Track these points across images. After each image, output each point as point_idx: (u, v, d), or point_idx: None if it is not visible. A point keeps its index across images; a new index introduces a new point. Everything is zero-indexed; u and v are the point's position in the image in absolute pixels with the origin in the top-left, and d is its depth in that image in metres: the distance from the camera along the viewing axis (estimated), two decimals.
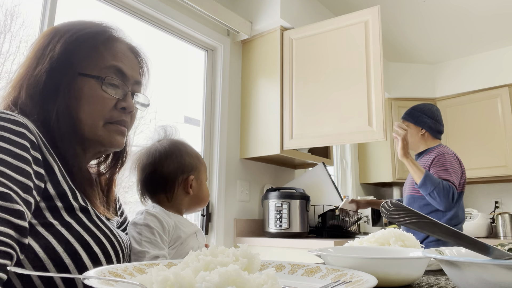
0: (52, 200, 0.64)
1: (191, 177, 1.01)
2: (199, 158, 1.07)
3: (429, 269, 0.84)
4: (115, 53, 0.77)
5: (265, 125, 2.58)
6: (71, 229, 0.64)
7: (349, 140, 2.37)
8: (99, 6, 2.07)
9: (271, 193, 2.52)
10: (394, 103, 3.94)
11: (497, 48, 3.72)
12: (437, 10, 3.13)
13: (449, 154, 2.25)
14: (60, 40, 0.74)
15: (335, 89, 2.42)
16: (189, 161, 1.02)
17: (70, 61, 0.73)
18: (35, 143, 0.63)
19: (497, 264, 0.45)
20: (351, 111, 2.34)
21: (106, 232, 0.70)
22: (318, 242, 2.23)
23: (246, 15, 2.76)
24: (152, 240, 0.86)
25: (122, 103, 0.76)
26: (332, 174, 3.63)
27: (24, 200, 0.57)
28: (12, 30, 1.73)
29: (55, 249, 0.60)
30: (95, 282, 0.40)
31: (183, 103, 2.61)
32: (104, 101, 0.74)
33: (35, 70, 0.72)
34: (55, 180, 0.65)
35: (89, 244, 0.65)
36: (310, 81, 2.51)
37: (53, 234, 0.61)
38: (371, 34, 2.37)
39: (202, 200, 1.05)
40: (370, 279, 0.47)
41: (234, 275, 0.39)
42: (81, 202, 0.68)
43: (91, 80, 0.73)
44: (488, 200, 3.84)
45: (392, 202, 0.57)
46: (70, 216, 0.65)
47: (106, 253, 0.67)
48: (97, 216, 0.72)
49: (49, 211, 0.63)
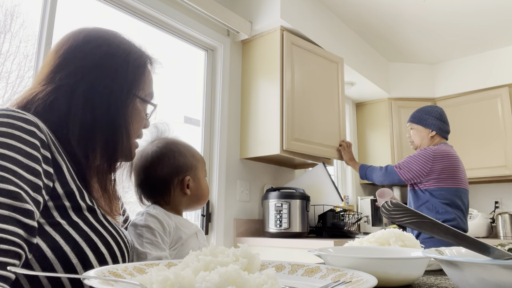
0: (60, 199, 0.64)
1: (187, 178, 1.00)
2: (195, 155, 1.04)
3: (429, 269, 0.83)
4: (151, 80, 0.87)
5: (265, 125, 2.58)
6: (78, 229, 0.64)
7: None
8: (99, 6, 2.07)
9: (271, 193, 2.52)
10: (394, 103, 3.94)
11: (497, 48, 3.72)
12: (437, 10, 3.13)
13: (426, 151, 2.35)
14: (123, 57, 0.79)
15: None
16: (183, 161, 1.00)
17: (135, 83, 0.80)
18: (45, 142, 0.63)
19: (497, 264, 0.45)
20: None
21: (112, 232, 0.70)
22: (318, 242, 2.23)
23: (246, 15, 2.76)
24: (153, 241, 0.86)
25: (147, 123, 0.87)
26: (332, 174, 3.63)
27: (34, 199, 0.57)
28: (12, 30, 1.73)
29: (63, 248, 0.61)
30: (95, 282, 0.40)
31: (183, 103, 2.61)
32: (143, 121, 0.85)
33: (85, 78, 0.73)
34: (63, 179, 0.65)
35: (96, 245, 0.65)
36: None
37: (61, 233, 0.62)
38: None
39: (201, 198, 1.03)
40: (370, 279, 0.47)
41: (234, 275, 0.39)
42: (88, 202, 0.69)
43: (140, 102, 0.82)
44: (488, 200, 3.84)
45: (392, 202, 0.57)
46: (77, 215, 0.65)
47: (112, 253, 0.68)
48: (103, 216, 0.72)
49: (57, 210, 0.63)
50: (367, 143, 4.02)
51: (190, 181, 1.00)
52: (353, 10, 3.16)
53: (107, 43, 0.78)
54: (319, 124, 2.75)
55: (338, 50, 3.17)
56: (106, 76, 0.75)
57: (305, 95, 2.71)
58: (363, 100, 4.09)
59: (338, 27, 3.24)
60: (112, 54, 0.77)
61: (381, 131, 3.94)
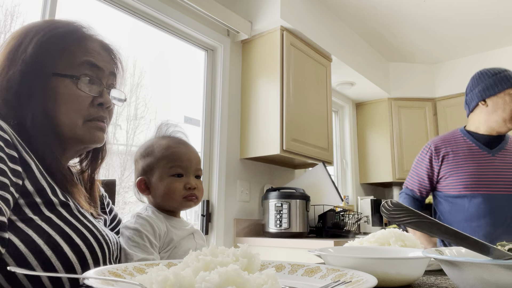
0: (31, 196, 0.64)
1: (139, 179, 0.97)
2: (154, 153, 0.97)
3: (429, 269, 0.83)
4: (86, 50, 0.76)
5: (265, 125, 2.58)
6: (51, 224, 0.64)
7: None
8: (99, 6, 2.07)
9: (271, 193, 2.52)
10: (394, 103, 3.94)
11: (497, 48, 3.72)
12: (437, 10, 3.13)
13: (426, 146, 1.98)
14: (31, 41, 0.73)
15: None
16: (142, 164, 0.98)
17: (43, 62, 0.72)
18: (9, 141, 0.63)
19: (497, 264, 0.45)
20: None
21: (88, 226, 0.70)
22: (318, 242, 2.23)
23: (246, 15, 2.76)
24: (140, 245, 0.85)
25: (99, 99, 0.76)
26: (332, 174, 3.63)
27: (1, 196, 0.58)
28: (12, 30, 1.73)
29: (36, 242, 0.61)
30: (95, 282, 0.40)
31: (183, 103, 2.61)
32: (81, 99, 0.74)
33: (7, 73, 0.71)
34: (32, 176, 0.65)
35: (70, 237, 0.65)
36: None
37: (33, 228, 0.62)
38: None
39: (166, 196, 0.95)
40: (370, 279, 0.47)
41: (234, 275, 0.39)
42: (61, 197, 0.68)
43: (66, 80, 0.73)
44: None
45: (392, 202, 0.57)
46: (50, 211, 0.65)
47: (89, 245, 0.67)
48: (79, 211, 0.71)
49: (29, 207, 0.63)
50: (367, 143, 4.02)
51: (144, 183, 0.97)
52: (353, 10, 3.16)
53: (31, 33, 0.75)
54: (312, 126, 2.76)
55: (338, 50, 3.17)
56: (11, 67, 0.71)
57: (302, 96, 2.72)
58: (363, 100, 4.09)
59: (338, 27, 3.24)
60: (20, 43, 0.73)
61: (381, 131, 3.94)
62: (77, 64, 0.74)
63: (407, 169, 3.77)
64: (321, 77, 2.97)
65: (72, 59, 0.74)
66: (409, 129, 3.87)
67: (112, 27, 2.18)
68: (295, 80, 2.65)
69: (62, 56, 0.74)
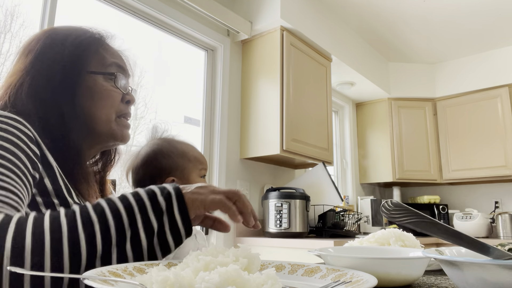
0: (49, 196, 0.65)
1: (169, 179, 0.97)
2: (184, 155, 1.00)
3: (429, 269, 0.83)
4: (112, 54, 0.83)
5: (265, 125, 2.58)
6: None
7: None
8: (99, 6, 2.07)
9: (271, 193, 2.52)
10: (394, 103, 3.94)
11: (497, 48, 3.72)
12: (437, 10, 3.13)
13: None
14: (65, 43, 0.77)
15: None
16: (166, 162, 0.98)
17: (79, 62, 0.76)
18: (33, 139, 0.65)
19: (497, 264, 0.45)
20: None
21: None
22: (318, 242, 2.23)
23: (246, 15, 2.76)
24: None
25: (127, 97, 0.82)
26: (332, 174, 3.63)
27: (20, 181, 0.59)
28: (12, 30, 1.73)
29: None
30: (95, 282, 0.40)
31: (183, 103, 2.61)
32: (115, 95, 0.79)
33: (41, 72, 0.73)
34: (53, 176, 0.66)
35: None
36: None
37: None
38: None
39: None
40: (370, 279, 0.47)
41: (234, 275, 0.39)
42: (75, 199, 0.69)
43: (100, 77, 0.78)
44: (488, 200, 3.84)
45: (392, 202, 0.57)
46: None
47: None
48: None
49: (46, 207, 0.64)
50: (367, 143, 4.02)
51: (173, 183, 0.98)
52: (353, 10, 3.16)
53: (49, 38, 0.78)
54: (312, 126, 2.76)
55: (338, 50, 3.17)
56: (45, 67, 0.74)
57: (302, 96, 2.72)
58: (363, 100, 4.09)
59: (338, 27, 3.24)
60: (50, 44, 0.77)
61: (381, 131, 3.94)
62: (108, 65, 0.80)
63: (407, 169, 3.78)
64: (321, 77, 2.97)
65: (102, 60, 0.80)
66: (409, 129, 3.87)
67: (112, 27, 2.17)
68: (295, 80, 2.65)
69: (94, 57, 0.79)
